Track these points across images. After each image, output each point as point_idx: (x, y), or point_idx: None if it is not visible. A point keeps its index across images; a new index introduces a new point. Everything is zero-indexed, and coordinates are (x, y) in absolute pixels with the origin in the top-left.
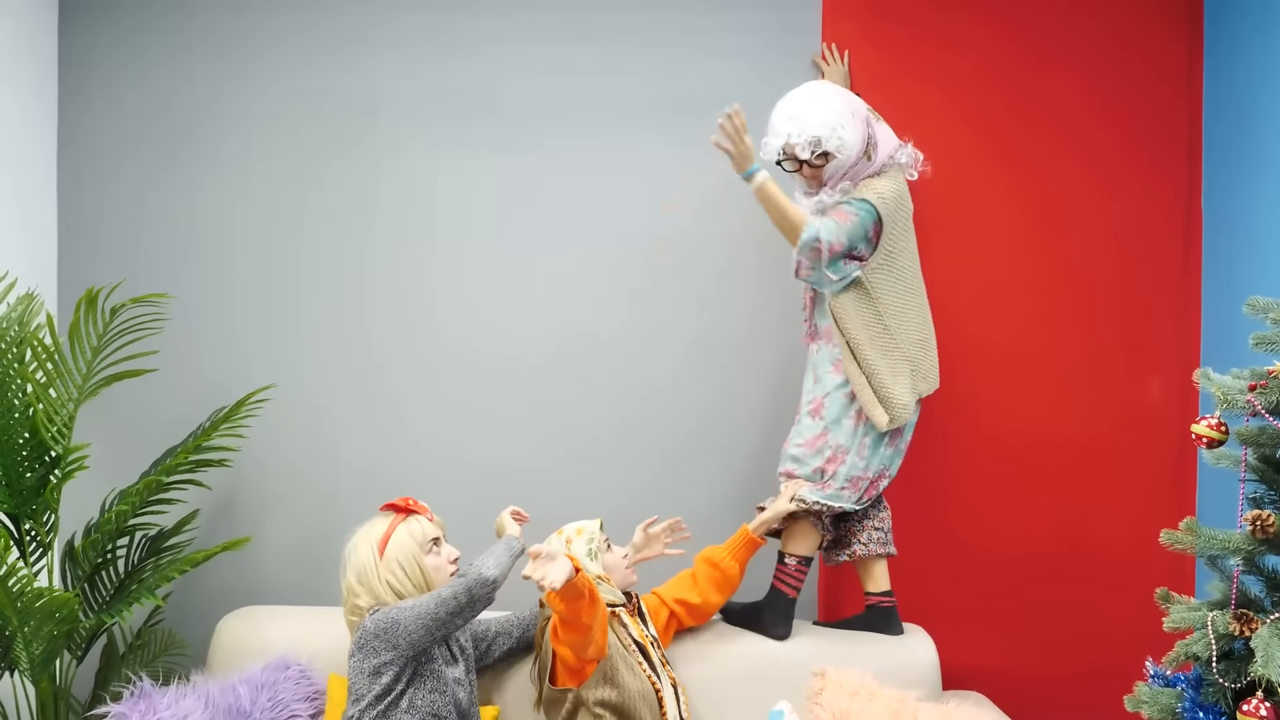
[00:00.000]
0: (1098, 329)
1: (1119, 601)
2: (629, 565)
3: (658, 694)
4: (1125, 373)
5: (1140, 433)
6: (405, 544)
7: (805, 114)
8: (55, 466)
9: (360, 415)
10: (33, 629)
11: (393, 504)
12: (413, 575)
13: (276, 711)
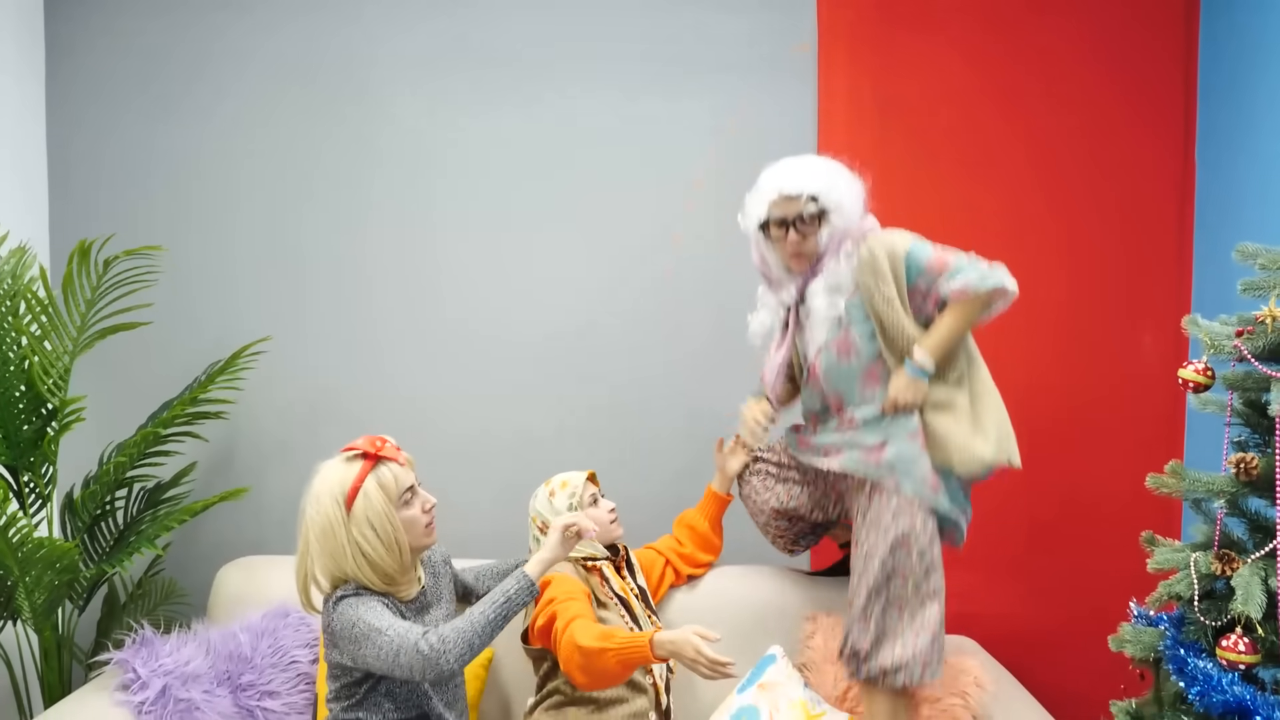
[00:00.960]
0: (1091, 278)
1: (1107, 548)
2: (615, 519)
3: None
4: (1118, 322)
5: (1131, 381)
6: (376, 498)
7: (800, 172)
8: (52, 419)
9: (357, 368)
10: (34, 578)
11: (355, 446)
12: (385, 536)
13: (277, 657)
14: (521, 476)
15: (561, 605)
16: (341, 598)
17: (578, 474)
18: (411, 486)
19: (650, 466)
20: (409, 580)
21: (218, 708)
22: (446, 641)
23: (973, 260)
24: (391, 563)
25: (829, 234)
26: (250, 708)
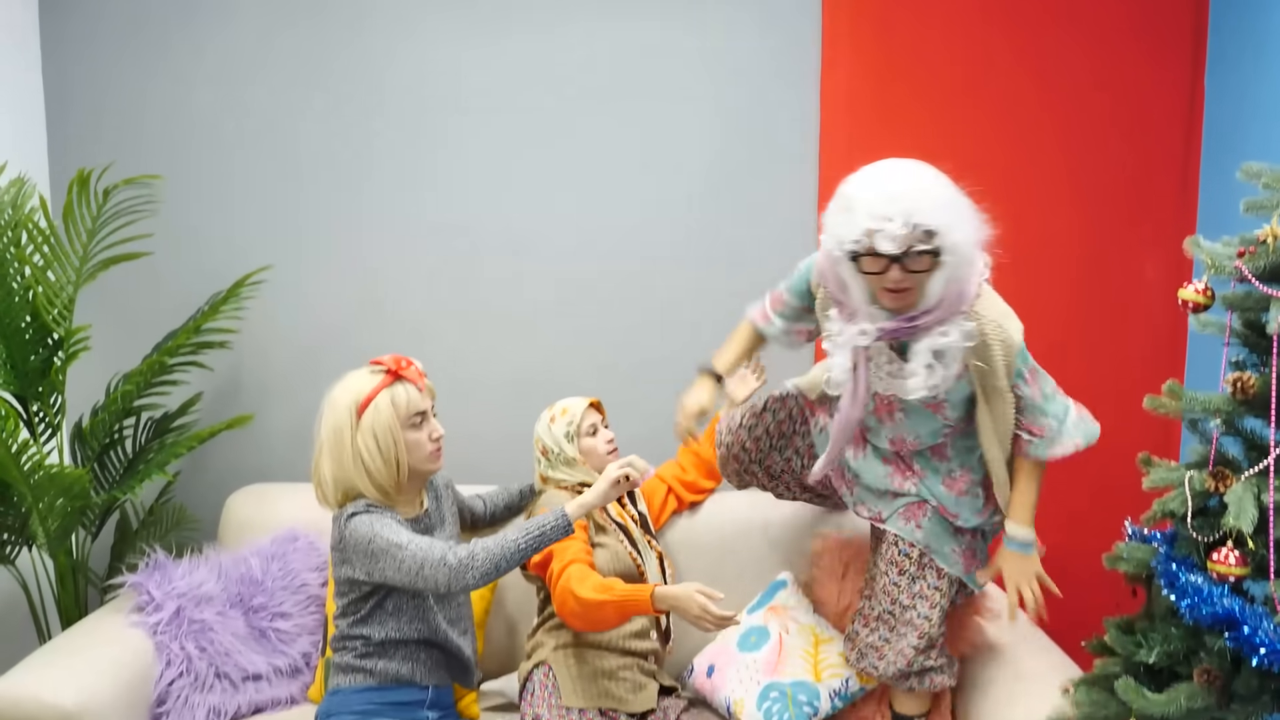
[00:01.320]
0: (1096, 202)
1: (1106, 471)
2: (613, 450)
3: (638, 569)
4: (1122, 246)
5: (1134, 306)
6: (385, 413)
7: (916, 197)
8: (58, 349)
9: (361, 297)
10: (47, 505)
11: (382, 362)
12: (385, 450)
13: (287, 580)
14: (529, 406)
15: (558, 545)
16: (353, 514)
17: (579, 401)
18: (424, 412)
19: (661, 395)
20: (409, 501)
21: (231, 628)
22: (476, 558)
23: (1061, 399)
24: (389, 479)
25: (943, 285)
26: (263, 628)
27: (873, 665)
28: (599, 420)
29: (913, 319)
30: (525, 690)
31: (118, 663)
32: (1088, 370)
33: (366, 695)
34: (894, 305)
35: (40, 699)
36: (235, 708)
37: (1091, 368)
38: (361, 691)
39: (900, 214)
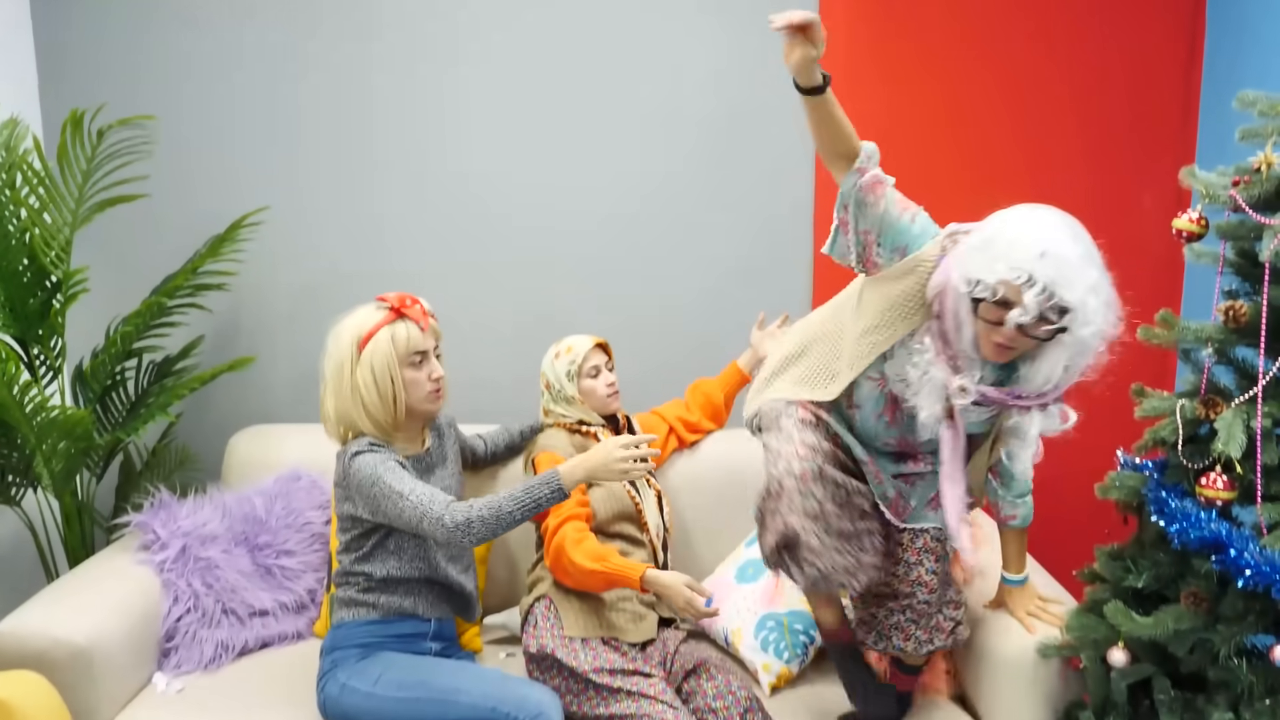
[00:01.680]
0: (1097, 135)
1: (1098, 403)
2: (613, 393)
3: (636, 507)
4: (1123, 179)
5: (1131, 240)
6: (384, 349)
7: (1065, 265)
8: (57, 291)
9: (360, 239)
10: (50, 446)
11: (386, 299)
12: (382, 386)
13: (291, 518)
14: (534, 349)
15: (556, 510)
16: (356, 453)
17: (585, 340)
18: (424, 352)
19: (669, 336)
20: (409, 439)
21: (236, 566)
22: (472, 525)
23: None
24: (385, 415)
25: (1059, 371)
26: (268, 565)
27: (899, 646)
28: (603, 362)
29: (1019, 396)
30: (527, 622)
31: (126, 599)
32: None
33: (369, 628)
34: (991, 358)
35: (51, 634)
36: (243, 642)
37: None
38: (364, 625)
39: (1045, 280)
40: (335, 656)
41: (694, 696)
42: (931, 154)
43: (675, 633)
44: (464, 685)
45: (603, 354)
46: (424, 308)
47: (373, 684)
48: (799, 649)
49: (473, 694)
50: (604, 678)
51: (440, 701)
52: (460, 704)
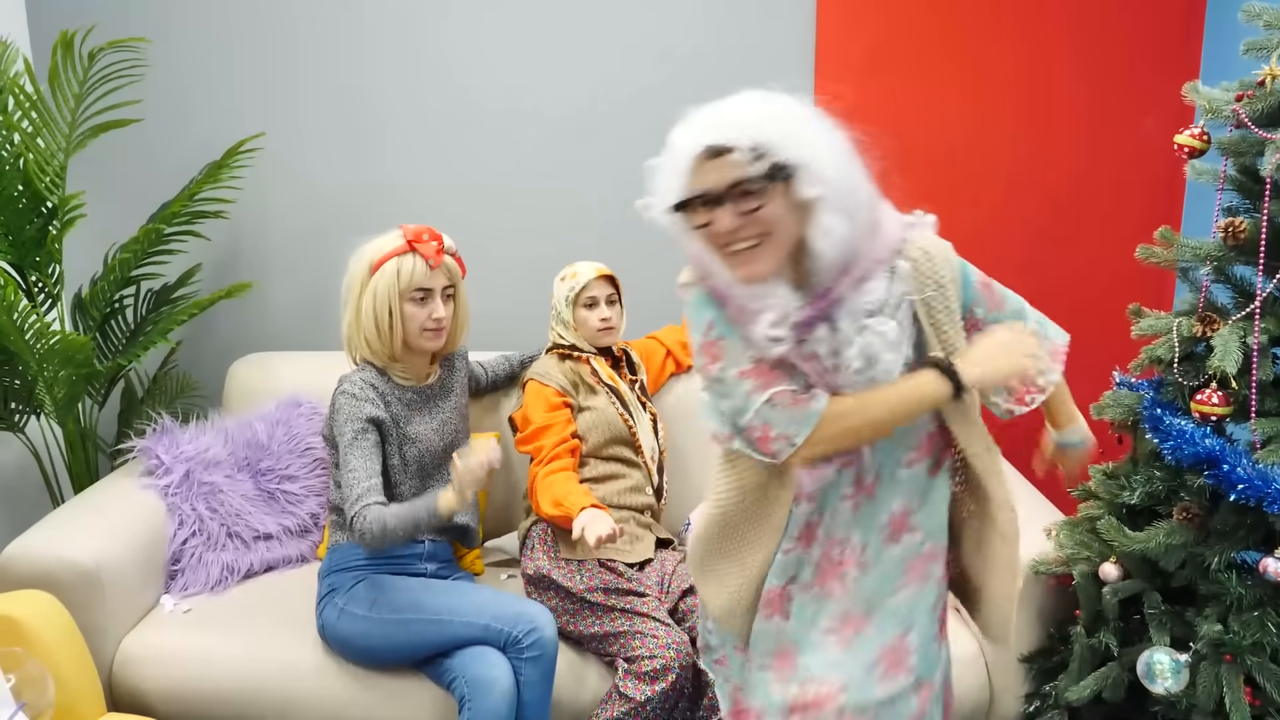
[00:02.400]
0: (1100, 53)
1: (1095, 324)
2: (605, 329)
3: (630, 430)
4: (1126, 97)
5: (1132, 159)
6: (388, 279)
7: (722, 110)
8: (53, 217)
9: (359, 162)
10: (52, 372)
11: (407, 229)
12: (380, 314)
13: (292, 444)
14: (537, 270)
15: (542, 428)
16: (342, 391)
17: (589, 269)
18: (429, 290)
19: (669, 260)
20: (411, 369)
21: (240, 490)
22: (365, 536)
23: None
24: (379, 345)
25: (835, 237)
26: (271, 490)
27: None
28: (603, 295)
29: (824, 292)
30: (525, 545)
31: (132, 523)
32: (1086, 223)
33: (364, 551)
34: (745, 273)
35: (59, 555)
36: (248, 565)
37: (1090, 221)
38: (359, 547)
39: (704, 131)
40: (332, 580)
41: (690, 615)
42: (928, 70)
43: (673, 553)
44: (457, 605)
45: (607, 287)
46: (441, 245)
47: (368, 608)
48: None
49: (466, 613)
50: (598, 596)
51: (435, 622)
52: (455, 623)
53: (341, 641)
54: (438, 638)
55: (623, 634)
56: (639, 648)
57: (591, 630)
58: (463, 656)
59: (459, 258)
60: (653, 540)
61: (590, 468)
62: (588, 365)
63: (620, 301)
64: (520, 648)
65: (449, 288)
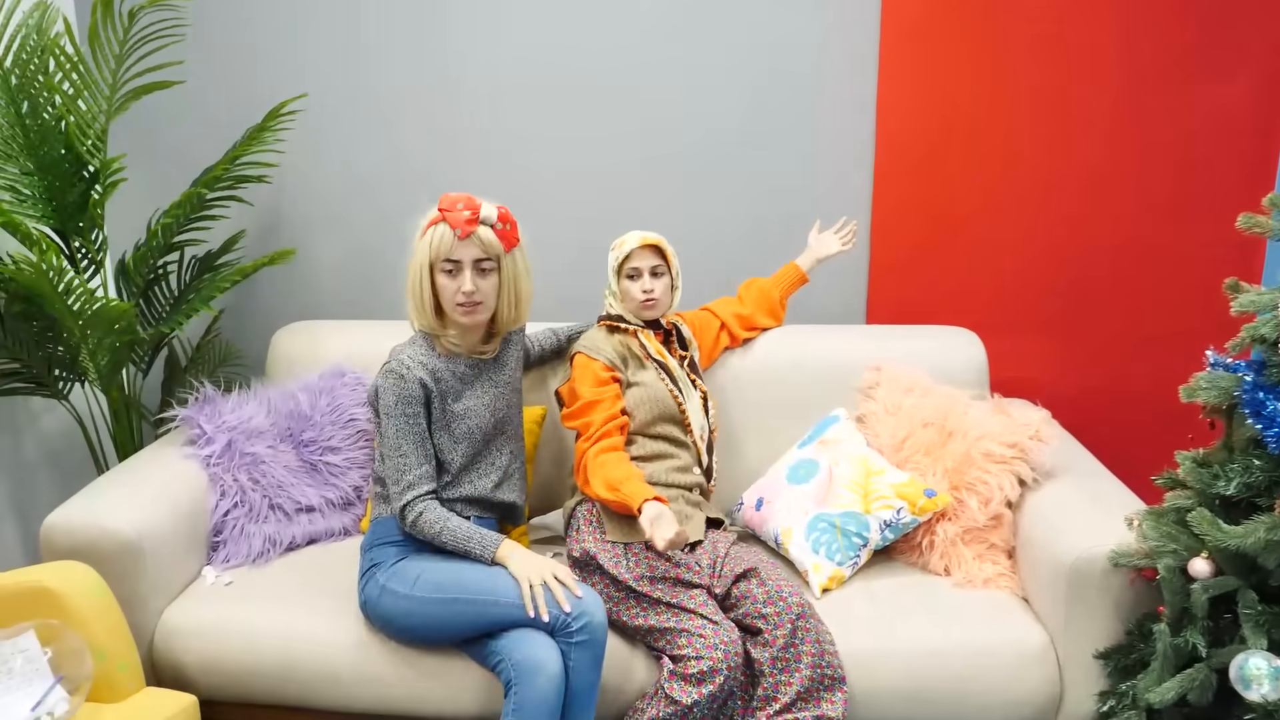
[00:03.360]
0: (1180, 23)
1: (1172, 302)
2: (648, 302)
3: (679, 407)
4: (1206, 69)
5: (1226, 122)
6: (421, 248)
7: None
8: (95, 181)
9: (408, 123)
10: (95, 339)
11: (445, 197)
12: (412, 282)
13: (335, 415)
14: (591, 234)
15: (590, 403)
16: (388, 370)
17: (635, 238)
18: (457, 261)
19: (721, 232)
20: (460, 341)
21: (282, 461)
22: (417, 525)
23: None
24: (417, 313)
25: None
26: (313, 462)
27: None
28: (647, 266)
29: None
30: (570, 525)
31: (174, 493)
32: (1174, 190)
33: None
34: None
35: (101, 525)
36: (290, 538)
37: (1178, 188)
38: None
39: None
40: (373, 555)
41: (743, 601)
42: (1009, 45)
43: (725, 534)
44: (504, 586)
45: (652, 257)
46: (476, 215)
47: (410, 586)
48: (852, 551)
49: (513, 594)
50: (645, 586)
51: (479, 602)
52: (500, 605)
53: (383, 619)
54: (482, 619)
55: (669, 630)
56: (686, 646)
57: (637, 622)
58: (509, 639)
59: (507, 231)
60: (703, 520)
61: (637, 446)
62: (636, 339)
63: (671, 273)
64: (569, 631)
65: (485, 260)
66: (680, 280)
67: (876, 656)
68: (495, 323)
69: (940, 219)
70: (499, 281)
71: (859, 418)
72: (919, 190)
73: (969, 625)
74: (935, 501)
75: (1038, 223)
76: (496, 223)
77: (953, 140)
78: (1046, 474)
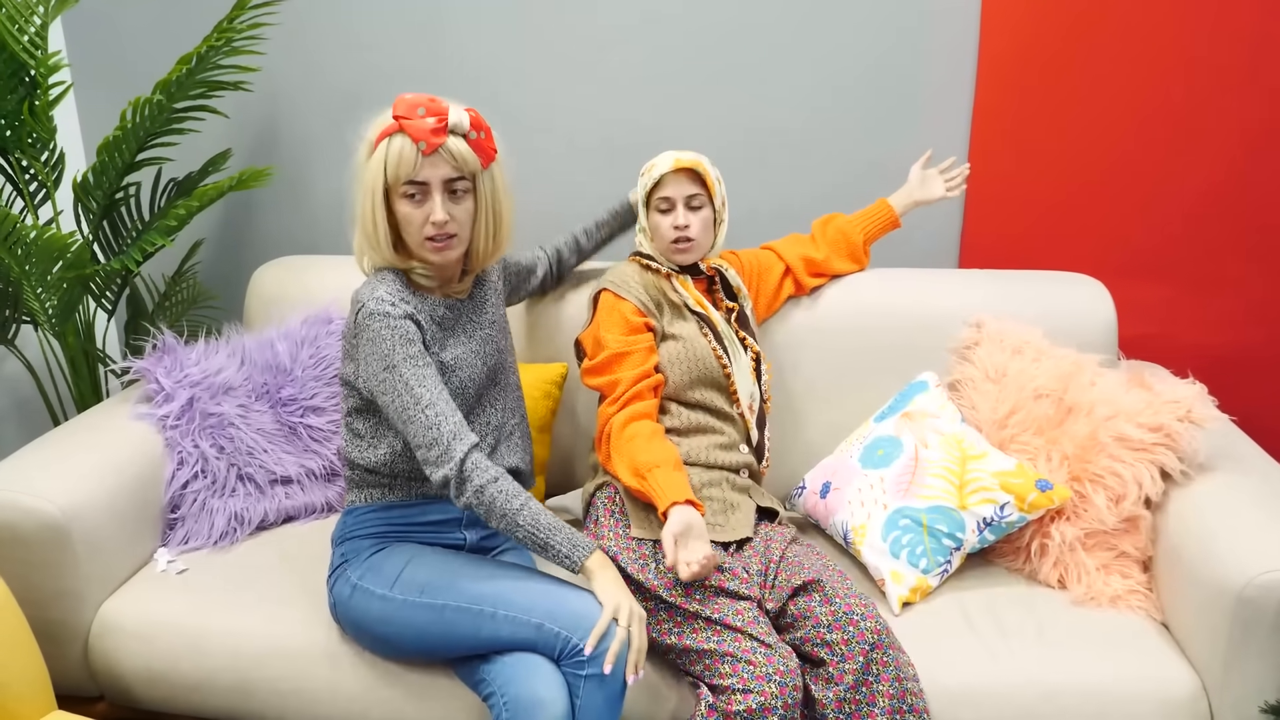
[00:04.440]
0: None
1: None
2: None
3: (723, 370)
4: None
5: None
6: (372, 168)
7: None
8: (35, 88)
9: (413, 39)
10: (38, 275)
11: (401, 102)
12: (363, 208)
13: (320, 369)
14: (619, 167)
15: (609, 377)
16: (370, 311)
17: (667, 160)
18: (423, 183)
19: (796, 164)
20: (430, 276)
21: (255, 424)
22: (481, 494)
23: None
24: (375, 252)
25: None
26: (292, 424)
27: None
28: (681, 196)
29: None
30: (589, 515)
31: (119, 462)
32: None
33: (386, 514)
34: None
35: (17, 503)
36: (261, 515)
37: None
38: (379, 509)
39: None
40: (345, 549)
41: (802, 622)
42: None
43: (780, 530)
44: (504, 595)
45: (689, 184)
46: (442, 122)
47: (389, 585)
48: (941, 556)
49: (514, 606)
50: (678, 596)
51: (473, 612)
52: (498, 618)
53: (355, 625)
54: (474, 635)
55: (709, 654)
56: (730, 675)
57: (669, 640)
58: (505, 665)
59: (482, 140)
60: (752, 510)
61: (672, 415)
62: (667, 281)
63: (713, 205)
64: (579, 661)
65: (458, 180)
66: (726, 213)
67: (973, 698)
68: (469, 258)
69: (1054, 139)
70: (474, 206)
71: (952, 385)
72: (1029, 102)
73: (1093, 658)
74: (1050, 496)
75: (1183, 141)
76: (470, 130)
77: (1074, 41)
78: (1200, 467)
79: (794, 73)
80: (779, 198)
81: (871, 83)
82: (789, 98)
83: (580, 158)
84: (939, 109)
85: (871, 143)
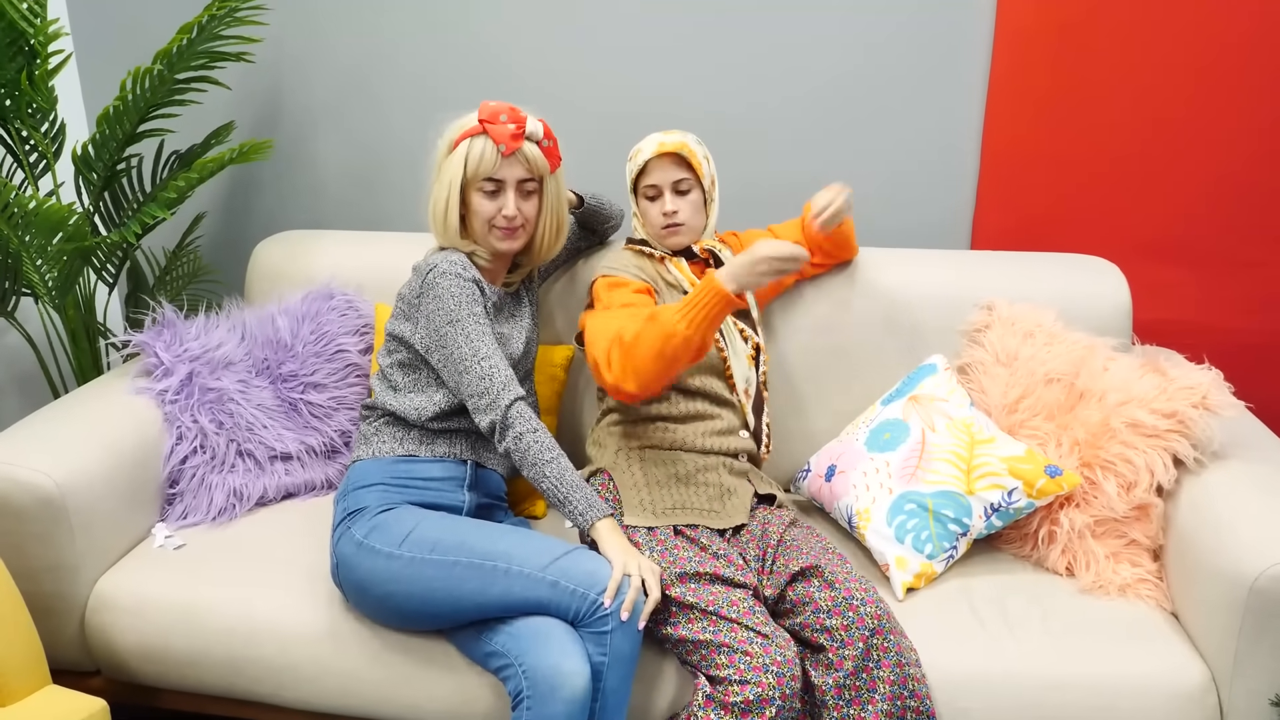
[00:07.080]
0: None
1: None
2: (670, 228)
3: (721, 355)
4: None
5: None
6: (455, 164)
7: None
8: (35, 57)
9: (415, 6)
10: (38, 247)
11: (485, 107)
12: (438, 199)
13: (321, 345)
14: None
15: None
16: (443, 271)
17: (651, 143)
18: (500, 180)
19: (791, 143)
20: (490, 270)
21: (255, 399)
22: (520, 439)
23: None
24: (439, 231)
25: None
26: (292, 400)
27: None
28: (666, 181)
29: None
30: None
31: (116, 436)
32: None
33: (392, 466)
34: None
35: (13, 476)
36: (260, 491)
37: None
38: (387, 462)
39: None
40: (349, 502)
41: (802, 608)
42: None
43: (779, 514)
44: (517, 552)
45: (675, 169)
46: (521, 129)
47: (398, 543)
48: (947, 541)
49: (528, 563)
50: (674, 587)
51: (485, 568)
52: (511, 573)
53: (357, 586)
54: (484, 593)
55: (705, 644)
56: (726, 666)
57: (664, 630)
58: (519, 633)
59: (551, 148)
60: (749, 495)
61: (669, 404)
62: (664, 265)
63: (702, 187)
64: (601, 617)
65: (529, 181)
66: (717, 192)
67: (976, 686)
68: (529, 252)
69: (1070, 118)
70: (540, 205)
71: (961, 368)
72: (1044, 80)
73: (1101, 648)
74: (1060, 482)
75: (1201, 122)
76: (543, 138)
77: (1092, 20)
78: (1214, 455)
79: (804, 48)
80: (789, 176)
81: (884, 61)
82: (797, 72)
83: (575, 132)
84: (953, 86)
85: (884, 122)
